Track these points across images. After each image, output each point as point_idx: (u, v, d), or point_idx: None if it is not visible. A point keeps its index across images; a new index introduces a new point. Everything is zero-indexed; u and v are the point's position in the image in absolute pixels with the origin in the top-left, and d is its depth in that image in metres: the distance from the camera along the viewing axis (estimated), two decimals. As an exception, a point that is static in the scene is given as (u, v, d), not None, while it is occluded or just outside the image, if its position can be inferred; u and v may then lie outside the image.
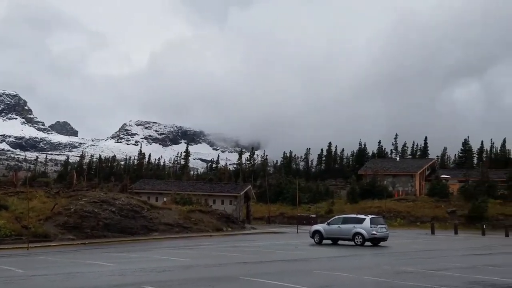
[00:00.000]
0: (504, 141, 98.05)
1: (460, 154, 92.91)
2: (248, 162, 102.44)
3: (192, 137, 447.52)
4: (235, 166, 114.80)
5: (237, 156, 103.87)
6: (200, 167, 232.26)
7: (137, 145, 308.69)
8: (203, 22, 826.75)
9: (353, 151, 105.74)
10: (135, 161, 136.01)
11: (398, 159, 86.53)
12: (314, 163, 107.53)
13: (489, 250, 28.97)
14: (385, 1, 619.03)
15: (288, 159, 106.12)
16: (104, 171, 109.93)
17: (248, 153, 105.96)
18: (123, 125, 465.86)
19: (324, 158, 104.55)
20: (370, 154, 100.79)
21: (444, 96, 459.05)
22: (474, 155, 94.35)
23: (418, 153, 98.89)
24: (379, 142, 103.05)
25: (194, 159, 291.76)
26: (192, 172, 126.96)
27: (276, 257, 23.48)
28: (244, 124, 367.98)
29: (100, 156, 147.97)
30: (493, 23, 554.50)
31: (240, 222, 50.41)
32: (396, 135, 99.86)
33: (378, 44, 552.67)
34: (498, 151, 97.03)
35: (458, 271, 18.39)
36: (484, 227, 46.41)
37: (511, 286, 14.79)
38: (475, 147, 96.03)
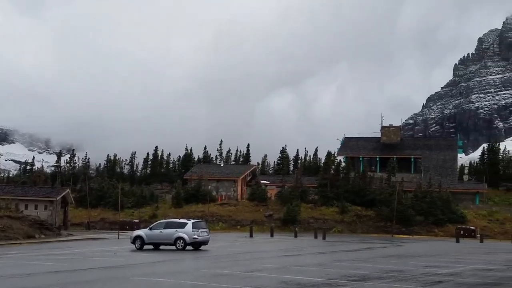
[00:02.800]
0: (316, 150, 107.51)
1: (278, 161, 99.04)
2: (68, 165, 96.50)
3: (4, 136, 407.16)
4: (53, 168, 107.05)
5: (56, 158, 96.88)
6: (13, 169, 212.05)
7: None
8: (20, 14, 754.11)
9: (180, 156, 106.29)
10: None
11: (222, 165, 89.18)
12: (140, 167, 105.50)
13: (299, 251, 31.27)
14: (212, 10, 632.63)
15: (112, 163, 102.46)
16: None
17: (69, 155, 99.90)
18: None
19: (150, 162, 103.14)
20: (196, 159, 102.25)
21: (265, 105, 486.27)
22: (291, 162, 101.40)
23: (241, 159, 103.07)
24: (205, 148, 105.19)
25: (6, 160, 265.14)
26: (2, 174, 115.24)
27: (92, 264, 22.36)
28: (60, 124, 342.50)
29: None
30: (308, 38, 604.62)
31: (55, 229, 47.12)
32: (221, 141, 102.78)
33: (205, 51, 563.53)
34: (311, 159, 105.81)
35: (270, 271, 19.48)
36: (297, 229, 50.07)
37: (314, 285, 16.04)
38: (291, 154, 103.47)
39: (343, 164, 73.85)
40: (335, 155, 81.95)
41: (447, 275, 19.31)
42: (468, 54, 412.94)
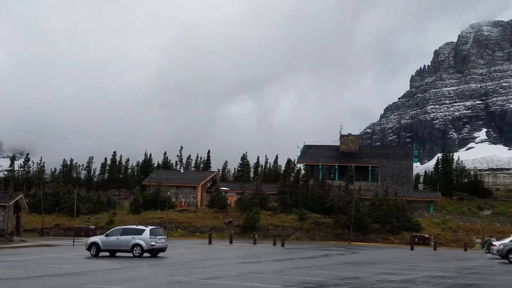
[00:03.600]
0: (277, 157, 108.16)
1: (239, 168, 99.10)
2: (22, 169, 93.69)
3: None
4: (6, 173, 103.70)
5: (9, 162, 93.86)
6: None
7: None
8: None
9: (139, 161, 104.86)
10: None
11: (182, 171, 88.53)
12: (97, 172, 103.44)
13: (258, 258, 31.31)
14: (172, 12, 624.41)
15: (69, 167, 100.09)
16: None
17: (23, 160, 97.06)
18: None
19: (107, 167, 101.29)
20: (156, 164, 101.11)
21: (226, 112, 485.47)
22: (251, 169, 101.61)
23: (202, 165, 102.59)
24: (165, 153, 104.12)
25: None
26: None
27: (45, 271, 21.75)
28: (12, 127, 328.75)
29: None
30: (268, 45, 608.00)
31: (8, 235, 45.67)
32: (181, 147, 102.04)
33: (163, 55, 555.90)
34: (272, 166, 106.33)
35: (228, 279, 19.43)
36: (256, 236, 50.16)
37: (272, 291, 16.10)
38: (252, 161, 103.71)
39: (303, 171, 74.56)
40: (295, 162, 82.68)
41: (401, 282, 19.72)
42: (425, 66, 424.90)
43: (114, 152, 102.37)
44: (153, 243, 30.47)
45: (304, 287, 17.25)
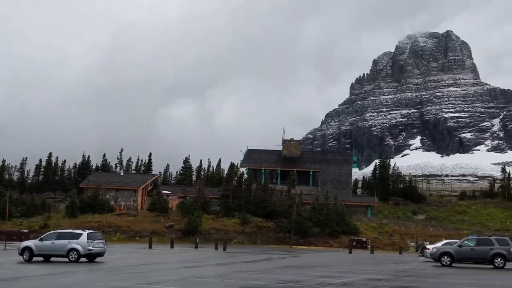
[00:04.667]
0: (220, 161, 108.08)
1: (181, 171, 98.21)
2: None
3: None
4: None
5: None
6: None
7: None
8: None
9: (76, 163, 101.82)
10: None
11: (122, 173, 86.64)
12: (31, 174, 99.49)
13: (199, 263, 31.06)
14: (111, 10, 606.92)
15: (0, 169, 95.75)
16: None
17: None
18: None
19: (42, 169, 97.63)
20: (94, 167, 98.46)
21: (169, 114, 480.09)
22: (194, 172, 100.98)
23: (143, 168, 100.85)
24: (104, 156, 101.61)
25: None
26: None
27: (-27, 278, 20.61)
28: None
29: None
30: (211, 48, 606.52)
31: None
32: (122, 150, 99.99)
33: (99, 55, 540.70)
34: (214, 170, 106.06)
35: (169, 283, 19.13)
36: (198, 240, 49.74)
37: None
38: (195, 165, 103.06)
39: (245, 175, 74.75)
40: (238, 166, 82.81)
41: (340, 284, 20.12)
42: (364, 74, 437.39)
43: (50, 154, 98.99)
44: (91, 248, 29.62)
45: (246, 291, 17.25)
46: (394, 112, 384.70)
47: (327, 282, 20.68)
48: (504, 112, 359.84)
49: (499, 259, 32.58)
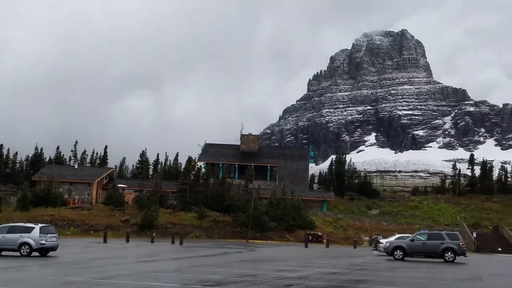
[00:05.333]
0: (177, 155, 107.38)
1: (138, 165, 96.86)
2: None
3: None
4: None
5: None
6: None
7: None
8: None
9: (28, 156, 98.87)
10: None
11: (76, 166, 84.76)
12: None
13: (156, 257, 30.80)
14: (66, 1, 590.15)
15: None
16: None
17: None
18: None
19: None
20: (48, 159, 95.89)
21: (127, 107, 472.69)
22: (151, 166, 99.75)
23: (98, 161, 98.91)
24: (58, 148, 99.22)
25: None
26: None
27: None
28: None
29: None
30: (168, 42, 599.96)
31: None
32: (76, 142, 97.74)
33: (51, 46, 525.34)
34: (172, 164, 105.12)
35: (124, 278, 18.90)
36: (154, 234, 49.27)
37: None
38: (152, 158, 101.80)
39: (203, 170, 74.45)
40: (196, 161, 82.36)
41: (296, 278, 20.39)
42: (321, 70, 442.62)
43: (1, 145, 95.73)
44: (43, 242, 28.92)
45: (203, 285, 17.25)
46: (350, 108, 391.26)
47: (283, 276, 20.92)
48: (456, 111, 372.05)
49: (449, 253, 33.75)
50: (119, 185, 72.84)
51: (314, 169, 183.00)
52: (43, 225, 30.98)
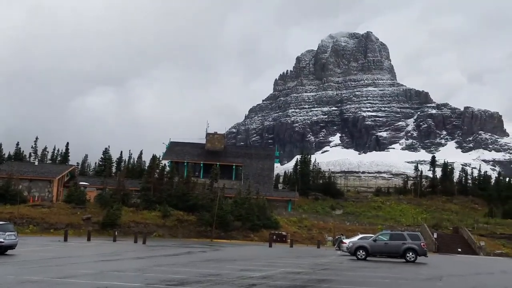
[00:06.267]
0: (141, 153, 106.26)
1: (100, 163, 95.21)
2: None
3: None
4: None
5: None
6: None
7: None
8: None
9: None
10: None
11: (37, 163, 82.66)
12: None
13: (118, 256, 30.27)
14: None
15: None
16: None
17: None
18: None
19: None
20: (7, 156, 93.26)
21: (89, 103, 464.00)
22: (114, 164, 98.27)
23: (59, 158, 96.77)
24: (17, 144, 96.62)
25: None
26: None
27: None
28: None
29: None
30: (135, 37, 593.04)
31: None
32: (37, 138, 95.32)
33: (9, 41, 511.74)
34: (135, 162, 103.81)
35: (85, 277, 18.48)
36: (116, 233, 48.49)
37: (133, 289, 15.66)
38: (115, 156, 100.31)
39: (168, 168, 73.78)
40: (160, 159, 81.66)
41: (260, 278, 20.37)
42: (287, 70, 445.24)
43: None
44: (1, 240, 28.03)
45: (167, 285, 17.03)
46: (316, 109, 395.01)
47: (247, 276, 20.87)
48: (418, 113, 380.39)
49: (410, 253, 34.38)
50: (80, 183, 71.37)
51: (279, 169, 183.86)
52: (1, 223, 30.06)
